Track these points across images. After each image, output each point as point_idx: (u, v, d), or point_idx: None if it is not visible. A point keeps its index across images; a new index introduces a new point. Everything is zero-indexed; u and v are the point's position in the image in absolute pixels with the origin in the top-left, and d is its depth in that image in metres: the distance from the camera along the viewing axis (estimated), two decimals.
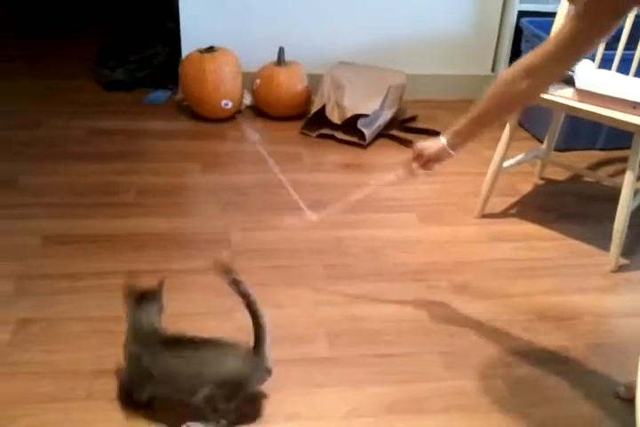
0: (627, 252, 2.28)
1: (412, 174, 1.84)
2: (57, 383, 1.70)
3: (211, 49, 3.08)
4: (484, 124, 1.73)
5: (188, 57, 3.12)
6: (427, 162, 1.80)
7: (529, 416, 1.69)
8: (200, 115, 3.14)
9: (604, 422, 1.70)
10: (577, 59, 1.60)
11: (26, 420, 1.60)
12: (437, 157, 1.78)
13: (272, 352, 1.82)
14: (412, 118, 3.27)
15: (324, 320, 1.97)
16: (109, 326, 1.89)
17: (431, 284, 2.15)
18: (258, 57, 3.16)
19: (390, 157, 2.95)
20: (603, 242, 2.30)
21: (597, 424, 1.70)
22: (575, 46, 1.51)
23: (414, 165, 1.82)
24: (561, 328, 2.00)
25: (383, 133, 3.10)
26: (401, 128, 3.17)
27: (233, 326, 1.92)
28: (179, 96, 3.27)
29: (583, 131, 2.91)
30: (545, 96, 2.25)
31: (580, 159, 2.89)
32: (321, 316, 1.99)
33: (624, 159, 2.24)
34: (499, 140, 2.47)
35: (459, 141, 1.76)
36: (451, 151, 1.76)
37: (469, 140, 1.76)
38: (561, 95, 2.24)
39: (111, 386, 1.69)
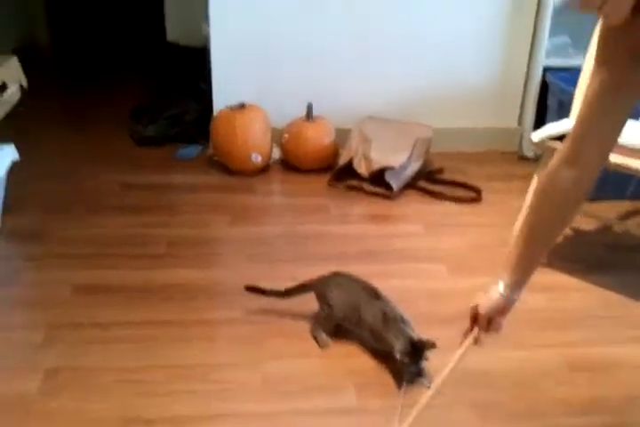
0: None
1: (478, 343, 1.56)
2: None
3: (241, 106, 3.16)
4: (541, 242, 1.45)
5: (219, 114, 3.20)
6: (489, 321, 1.51)
7: None
8: (230, 169, 3.20)
9: None
10: (617, 120, 1.33)
11: None
12: (500, 310, 1.49)
13: (299, 402, 1.82)
14: (439, 170, 3.30)
15: (353, 370, 1.96)
16: (138, 376, 1.90)
17: (461, 333, 2.11)
18: (287, 112, 3.23)
19: (418, 209, 2.97)
20: (633, 292, 2.27)
21: None
22: (606, 103, 1.29)
23: (476, 331, 1.54)
24: (595, 379, 1.96)
25: (410, 185, 3.13)
26: (428, 180, 3.19)
27: (261, 376, 1.92)
28: (209, 151, 3.34)
29: (612, 181, 2.89)
30: None
31: (609, 209, 2.88)
32: (349, 366, 1.98)
33: None
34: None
35: (519, 277, 1.47)
36: (514, 296, 1.47)
37: (532, 271, 1.47)
38: None
39: None
